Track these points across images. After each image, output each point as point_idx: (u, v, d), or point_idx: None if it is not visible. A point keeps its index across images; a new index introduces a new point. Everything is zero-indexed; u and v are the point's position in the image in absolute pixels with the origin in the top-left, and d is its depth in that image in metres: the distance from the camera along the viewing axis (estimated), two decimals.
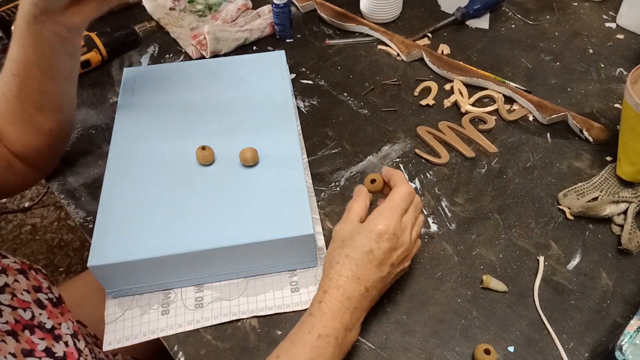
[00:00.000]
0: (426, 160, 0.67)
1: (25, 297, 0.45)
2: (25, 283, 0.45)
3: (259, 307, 0.53)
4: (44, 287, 0.48)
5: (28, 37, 0.51)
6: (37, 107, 0.56)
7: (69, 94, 0.60)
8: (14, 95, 0.54)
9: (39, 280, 0.48)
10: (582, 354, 0.49)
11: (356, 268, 0.46)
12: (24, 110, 0.55)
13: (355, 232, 0.48)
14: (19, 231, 1.56)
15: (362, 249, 0.47)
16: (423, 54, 0.80)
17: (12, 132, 0.57)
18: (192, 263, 0.51)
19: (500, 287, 0.54)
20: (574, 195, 0.61)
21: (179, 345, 0.50)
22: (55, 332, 0.46)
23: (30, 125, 0.57)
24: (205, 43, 0.80)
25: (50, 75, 0.55)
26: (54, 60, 0.54)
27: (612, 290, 0.54)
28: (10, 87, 0.54)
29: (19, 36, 0.51)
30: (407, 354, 0.50)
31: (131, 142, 0.60)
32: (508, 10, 0.91)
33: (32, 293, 0.46)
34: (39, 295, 0.46)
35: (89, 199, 0.63)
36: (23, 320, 0.43)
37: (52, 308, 0.47)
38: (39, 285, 0.47)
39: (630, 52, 0.81)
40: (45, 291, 0.47)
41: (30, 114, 0.56)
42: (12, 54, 0.53)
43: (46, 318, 0.45)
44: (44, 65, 0.53)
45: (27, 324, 0.43)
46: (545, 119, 0.70)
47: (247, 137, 0.60)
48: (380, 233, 0.47)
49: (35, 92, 0.55)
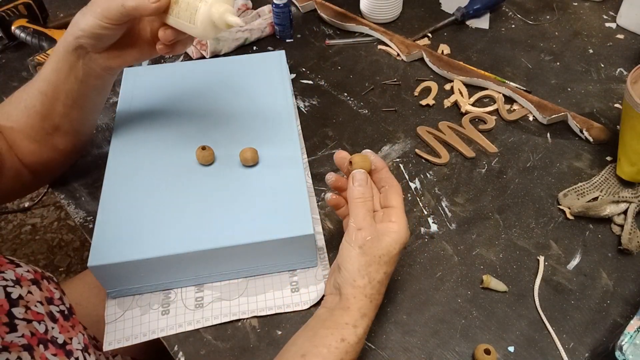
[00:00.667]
0: (426, 160, 0.67)
1: (39, 310, 0.43)
2: (38, 294, 0.44)
3: (259, 307, 0.53)
4: (56, 299, 0.46)
5: (63, 64, 0.51)
6: (56, 128, 0.56)
7: (91, 121, 0.61)
8: (37, 111, 0.54)
9: (51, 290, 0.46)
10: (582, 354, 0.49)
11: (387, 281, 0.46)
12: (43, 127, 0.55)
13: (387, 244, 0.45)
14: (19, 231, 1.56)
15: (394, 259, 0.46)
16: (423, 54, 0.80)
17: (27, 145, 0.57)
18: (192, 263, 0.51)
19: (500, 287, 0.54)
20: (574, 195, 0.61)
21: (179, 345, 0.50)
22: (67, 347, 0.44)
23: (47, 143, 0.57)
24: (205, 43, 0.80)
25: (76, 103, 0.55)
26: (83, 91, 0.54)
27: (612, 290, 0.54)
28: (35, 103, 0.54)
29: (55, 60, 0.51)
30: (407, 354, 0.50)
31: (131, 142, 0.60)
32: (508, 10, 0.91)
33: (45, 305, 0.45)
34: (51, 307, 0.45)
35: (89, 199, 0.63)
36: (38, 334, 0.41)
37: (63, 322, 0.46)
38: (51, 297, 0.46)
39: (630, 52, 0.81)
40: (57, 303, 0.46)
41: (48, 132, 0.56)
42: (44, 72, 0.53)
43: (58, 332, 0.44)
44: (72, 94, 0.53)
45: (42, 338, 0.41)
46: (545, 119, 0.70)
47: (247, 137, 0.60)
48: (406, 241, 0.47)
49: (57, 114, 0.55)
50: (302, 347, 0.43)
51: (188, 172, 0.57)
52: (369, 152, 0.50)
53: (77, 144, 0.61)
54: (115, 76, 0.57)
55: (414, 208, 0.62)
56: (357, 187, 0.47)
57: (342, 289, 0.45)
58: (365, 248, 0.44)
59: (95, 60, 0.51)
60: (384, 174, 0.49)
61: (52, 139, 0.57)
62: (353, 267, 0.44)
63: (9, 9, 0.82)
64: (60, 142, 0.58)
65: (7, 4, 0.83)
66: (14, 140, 0.56)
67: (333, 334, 0.43)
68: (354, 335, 0.43)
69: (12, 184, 0.57)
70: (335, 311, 0.45)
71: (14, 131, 0.56)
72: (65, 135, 0.57)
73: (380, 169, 0.49)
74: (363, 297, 0.44)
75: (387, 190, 0.49)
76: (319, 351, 0.42)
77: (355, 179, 0.47)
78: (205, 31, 0.47)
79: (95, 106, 0.59)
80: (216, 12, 0.46)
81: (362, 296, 0.44)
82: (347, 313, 0.44)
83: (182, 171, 0.57)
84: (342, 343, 0.43)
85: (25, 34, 0.81)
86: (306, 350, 0.43)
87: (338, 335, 0.43)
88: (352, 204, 0.46)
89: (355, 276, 0.44)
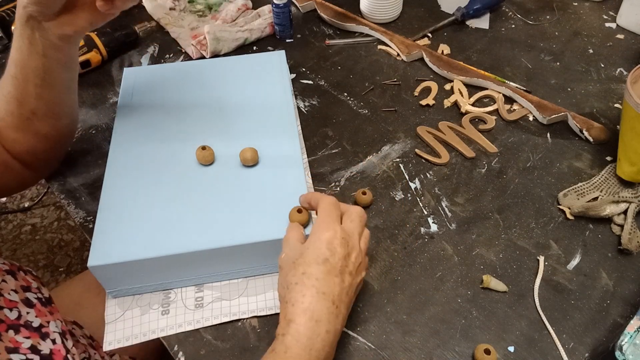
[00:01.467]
0: (426, 160, 0.67)
1: (12, 297, 0.44)
2: (13, 283, 0.45)
3: (259, 307, 0.53)
4: (33, 287, 0.47)
5: (23, 40, 0.51)
6: (33, 112, 0.56)
7: (67, 102, 0.59)
8: (12, 96, 0.54)
9: (28, 280, 0.47)
10: (582, 354, 0.49)
11: (317, 282, 0.42)
12: (21, 113, 0.55)
13: (303, 249, 0.44)
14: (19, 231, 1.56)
15: (316, 260, 0.43)
16: (423, 54, 0.80)
17: (10, 134, 0.57)
18: (192, 263, 0.51)
19: (500, 287, 0.54)
20: (574, 195, 0.61)
21: (179, 345, 0.50)
22: (43, 330, 0.45)
23: (29, 129, 0.57)
24: (205, 43, 0.80)
25: (45, 82, 0.54)
26: (48, 66, 0.53)
27: (612, 290, 0.54)
28: (9, 88, 0.54)
29: (15, 38, 0.51)
30: (407, 354, 0.50)
31: (131, 142, 0.60)
32: (508, 10, 0.91)
33: (21, 292, 0.45)
34: (27, 294, 0.46)
35: (89, 199, 0.63)
36: (8, 320, 0.42)
37: (40, 307, 0.46)
38: (27, 285, 0.47)
39: (630, 52, 0.81)
40: (34, 291, 0.47)
41: (27, 117, 0.56)
42: (11, 55, 0.53)
43: (34, 316, 0.45)
44: (38, 71, 0.53)
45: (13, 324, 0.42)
46: (545, 119, 0.70)
47: (247, 137, 0.60)
48: (330, 239, 0.44)
49: (31, 96, 0.54)
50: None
51: (188, 172, 0.57)
52: (302, 199, 0.51)
53: (59, 128, 0.59)
54: (76, 47, 0.56)
55: (414, 208, 0.62)
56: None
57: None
58: (281, 263, 0.46)
59: (49, 29, 0.50)
60: (316, 200, 0.48)
61: (32, 124, 0.56)
62: (279, 287, 0.45)
63: (9, 9, 0.82)
64: (41, 127, 0.57)
65: (7, 4, 0.83)
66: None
67: (267, 350, 0.42)
68: (281, 344, 0.41)
69: (3, 176, 0.57)
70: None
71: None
72: (43, 118, 0.57)
73: (313, 203, 0.49)
74: (284, 303, 0.43)
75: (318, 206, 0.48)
76: None
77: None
78: None
79: (65, 83, 0.57)
80: None
81: (283, 303, 0.43)
82: (278, 326, 0.43)
83: (182, 171, 0.57)
84: (270, 354, 0.41)
85: None
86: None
87: (270, 349, 0.42)
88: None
89: (280, 292, 0.45)
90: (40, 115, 0.56)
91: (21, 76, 0.53)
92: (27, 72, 0.53)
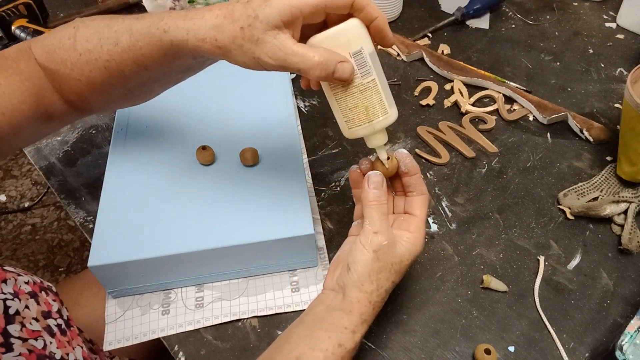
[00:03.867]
0: (426, 160, 0.67)
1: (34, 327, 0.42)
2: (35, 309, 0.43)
3: (259, 307, 0.53)
4: (54, 312, 0.45)
5: (146, 40, 0.46)
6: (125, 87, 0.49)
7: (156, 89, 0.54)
8: (104, 66, 0.47)
9: (49, 303, 0.45)
10: (582, 354, 0.49)
11: (387, 293, 0.44)
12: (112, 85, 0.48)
13: (402, 257, 0.44)
14: (19, 231, 1.56)
15: (405, 271, 0.45)
16: (423, 54, 0.80)
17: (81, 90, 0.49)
18: (192, 263, 0.51)
19: (501, 287, 0.54)
20: (574, 195, 0.61)
21: (180, 345, 0.50)
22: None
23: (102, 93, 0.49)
24: None
25: (143, 66, 0.47)
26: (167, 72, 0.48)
27: (612, 290, 0.54)
28: (105, 59, 0.47)
29: (141, 38, 0.47)
30: (407, 353, 0.50)
31: (131, 142, 0.60)
32: (508, 10, 0.91)
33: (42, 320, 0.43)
34: (48, 321, 0.44)
35: (89, 199, 0.63)
36: (37, 350, 0.40)
37: (60, 336, 0.44)
38: (48, 311, 0.44)
39: (630, 52, 0.81)
40: (54, 316, 0.44)
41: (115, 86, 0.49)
42: (122, 42, 0.47)
43: (55, 348, 0.43)
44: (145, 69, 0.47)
45: (41, 354, 0.41)
46: (545, 119, 0.70)
47: (247, 137, 0.60)
48: (419, 254, 0.46)
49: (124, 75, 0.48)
50: (296, 348, 0.42)
51: (188, 172, 0.57)
52: (404, 153, 0.47)
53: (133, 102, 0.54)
54: (200, 67, 0.51)
55: None
56: (372, 190, 0.44)
57: (347, 289, 0.43)
58: (379, 253, 0.43)
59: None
60: (414, 180, 0.47)
61: (109, 94, 0.50)
62: (364, 271, 0.42)
63: (9, 9, 0.82)
64: (115, 96, 0.51)
65: (7, 4, 0.83)
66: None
67: (330, 337, 0.41)
68: (351, 341, 0.41)
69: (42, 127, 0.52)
70: (335, 312, 0.43)
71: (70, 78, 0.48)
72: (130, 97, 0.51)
73: (412, 173, 0.47)
74: (367, 303, 0.42)
75: (413, 198, 0.47)
76: (314, 355, 0.41)
77: (370, 181, 0.45)
78: (347, 136, 0.45)
79: (165, 80, 0.52)
80: (373, 140, 0.45)
81: (367, 302, 0.42)
82: (348, 317, 0.42)
83: (182, 171, 0.57)
84: (339, 348, 0.41)
85: (26, 34, 0.81)
86: (300, 352, 0.41)
87: (335, 340, 0.41)
88: (367, 207, 0.44)
89: (364, 280, 0.42)
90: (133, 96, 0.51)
91: (124, 66, 0.47)
92: (138, 66, 0.47)
